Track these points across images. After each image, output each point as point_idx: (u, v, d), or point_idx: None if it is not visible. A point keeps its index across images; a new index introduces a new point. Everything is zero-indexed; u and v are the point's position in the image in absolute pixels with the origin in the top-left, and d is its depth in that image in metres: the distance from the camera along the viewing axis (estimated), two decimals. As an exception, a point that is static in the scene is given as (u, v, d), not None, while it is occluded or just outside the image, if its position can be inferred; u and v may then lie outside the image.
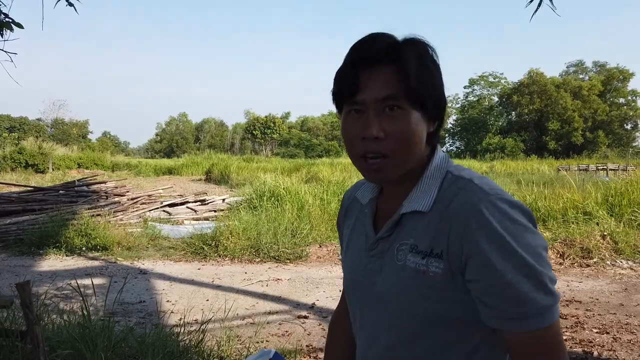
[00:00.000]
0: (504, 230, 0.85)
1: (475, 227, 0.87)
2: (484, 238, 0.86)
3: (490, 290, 0.87)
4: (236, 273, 6.97)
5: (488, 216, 0.87)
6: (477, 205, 0.89)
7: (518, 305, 0.85)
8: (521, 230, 0.87)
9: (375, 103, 0.93)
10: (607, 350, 3.79)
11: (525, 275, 0.84)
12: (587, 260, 6.63)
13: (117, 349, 3.27)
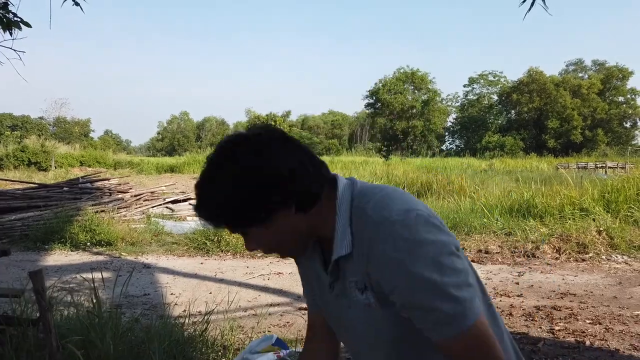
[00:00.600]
0: (399, 254, 0.92)
1: (377, 258, 0.96)
2: (385, 267, 0.95)
3: (406, 308, 0.97)
4: (238, 267, 7.10)
5: (384, 245, 0.94)
6: (376, 238, 0.96)
7: (429, 316, 0.93)
8: (416, 247, 0.92)
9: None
10: (599, 339, 3.91)
11: (426, 290, 0.92)
12: (582, 255, 6.74)
13: (124, 337, 3.39)
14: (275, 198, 0.98)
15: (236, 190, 0.97)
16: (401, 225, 0.94)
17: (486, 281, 5.82)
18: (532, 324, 4.31)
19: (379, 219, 0.97)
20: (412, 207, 0.98)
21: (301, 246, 1.10)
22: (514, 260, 6.86)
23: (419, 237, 0.93)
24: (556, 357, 3.57)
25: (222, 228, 1.05)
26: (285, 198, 0.99)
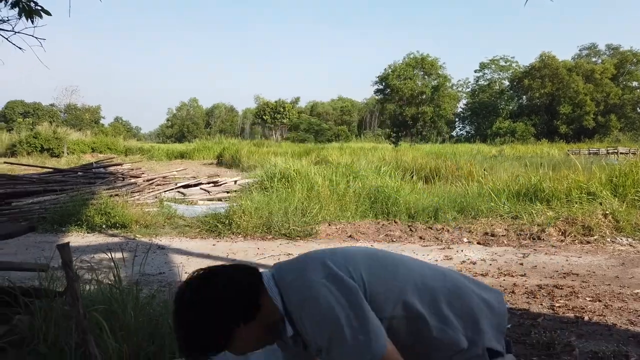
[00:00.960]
0: (313, 327, 1.21)
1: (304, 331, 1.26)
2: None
3: None
4: (249, 249, 7.29)
5: (302, 321, 1.23)
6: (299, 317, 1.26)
7: (353, 355, 1.17)
8: (319, 320, 1.20)
9: None
10: (598, 315, 4.04)
11: (341, 341, 1.17)
12: (587, 238, 6.84)
13: (143, 310, 3.59)
14: (226, 328, 1.27)
15: (197, 332, 1.27)
16: (305, 302, 1.24)
17: (491, 262, 5.96)
18: (534, 301, 4.45)
19: (296, 302, 1.25)
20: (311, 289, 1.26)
21: (270, 337, 1.35)
22: (520, 242, 6.98)
23: (323, 308, 1.20)
24: (554, 330, 3.72)
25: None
26: (233, 323, 1.28)
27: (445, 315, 1.29)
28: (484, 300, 1.36)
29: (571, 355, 3.33)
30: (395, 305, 1.25)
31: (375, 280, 1.26)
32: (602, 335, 3.65)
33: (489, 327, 1.32)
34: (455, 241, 7.33)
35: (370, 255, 1.34)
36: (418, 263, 1.42)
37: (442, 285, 1.32)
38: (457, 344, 1.28)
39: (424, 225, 8.29)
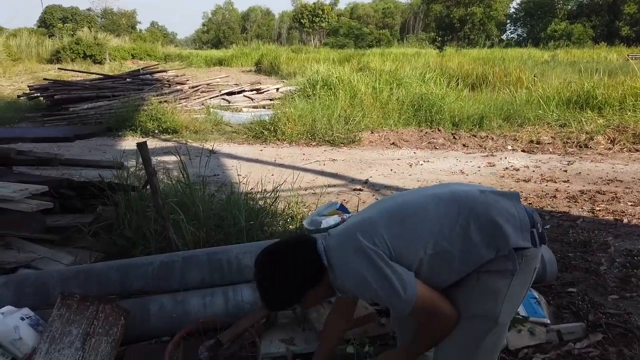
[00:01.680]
0: (355, 291, 1.56)
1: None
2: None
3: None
4: (295, 154, 7.60)
5: (345, 286, 1.56)
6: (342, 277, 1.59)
7: (391, 307, 1.51)
8: (357, 286, 1.52)
9: None
10: (637, 219, 4.17)
11: (378, 297, 1.49)
12: (636, 146, 6.74)
13: (209, 203, 3.98)
14: (299, 293, 1.61)
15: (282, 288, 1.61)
16: (351, 264, 1.53)
17: (534, 169, 6.04)
18: (574, 205, 4.59)
19: (339, 273, 1.56)
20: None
21: (331, 292, 1.67)
22: (566, 150, 6.96)
23: (364, 268, 1.48)
24: (592, 231, 3.90)
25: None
26: (304, 289, 1.61)
27: (467, 239, 1.49)
28: (502, 207, 1.53)
29: (606, 252, 3.54)
30: (419, 253, 1.50)
31: (397, 241, 1.51)
32: (639, 236, 3.81)
33: (511, 229, 1.49)
34: (499, 149, 7.37)
35: (392, 215, 1.57)
36: (433, 204, 1.56)
37: (456, 218, 1.51)
38: (482, 257, 1.49)
39: (468, 133, 8.30)
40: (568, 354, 2.44)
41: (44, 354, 2.12)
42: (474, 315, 1.50)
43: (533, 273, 1.54)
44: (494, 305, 1.48)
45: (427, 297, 1.47)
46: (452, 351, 1.52)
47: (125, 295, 2.61)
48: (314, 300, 1.67)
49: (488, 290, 1.50)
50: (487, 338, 1.49)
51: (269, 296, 1.63)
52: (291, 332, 2.58)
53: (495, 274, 1.50)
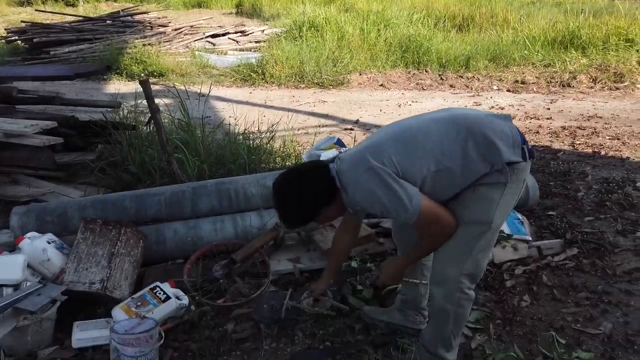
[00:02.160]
0: (366, 206, 1.75)
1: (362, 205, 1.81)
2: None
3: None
4: (284, 96, 7.65)
5: (356, 201, 1.75)
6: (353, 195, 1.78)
7: (398, 217, 1.72)
8: (368, 201, 1.70)
9: None
10: (614, 150, 4.43)
11: (387, 209, 1.67)
12: (617, 84, 6.95)
13: (208, 139, 4.11)
14: (315, 211, 1.80)
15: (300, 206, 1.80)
16: (362, 183, 1.70)
17: (519, 107, 6.23)
18: (556, 140, 4.83)
19: (352, 190, 1.73)
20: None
21: (342, 210, 1.87)
22: (549, 89, 7.14)
23: (375, 185, 1.65)
24: (572, 162, 4.15)
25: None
26: (319, 207, 1.80)
27: (465, 155, 1.66)
28: (496, 126, 1.71)
29: (584, 180, 3.80)
30: (422, 171, 1.67)
31: (403, 160, 1.67)
32: (615, 166, 4.09)
33: (504, 146, 1.68)
34: (485, 89, 7.52)
35: (398, 138, 1.73)
36: (435, 126, 1.73)
37: (455, 138, 1.68)
38: (478, 171, 1.67)
39: (455, 74, 8.40)
40: (546, 266, 2.72)
41: (72, 272, 2.31)
42: (471, 221, 1.70)
43: (522, 183, 1.75)
44: (488, 212, 1.69)
45: (430, 207, 1.66)
46: (451, 251, 1.73)
47: (141, 222, 2.78)
48: (327, 217, 1.88)
49: (483, 200, 1.69)
50: (482, 240, 1.71)
51: (288, 215, 1.82)
52: (297, 252, 2.81)
53: (489, 186, 1.69)
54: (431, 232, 1.74)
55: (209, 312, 2.34)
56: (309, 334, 2.20)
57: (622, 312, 2.31)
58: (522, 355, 1.96)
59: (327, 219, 1.91)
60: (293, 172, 1.85)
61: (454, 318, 1.77)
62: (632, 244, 2.93)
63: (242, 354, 2.09)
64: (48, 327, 2.15)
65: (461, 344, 2.09)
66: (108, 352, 2.02)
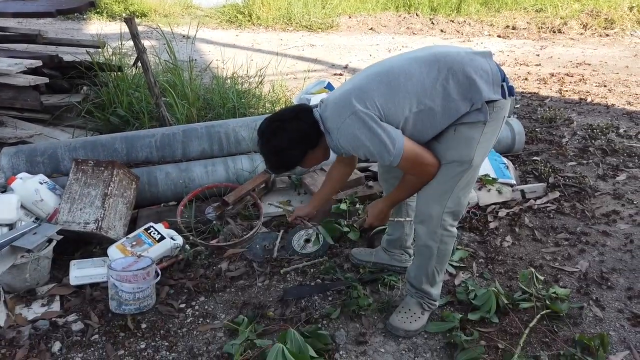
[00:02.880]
0: (349, 149, 1.74)
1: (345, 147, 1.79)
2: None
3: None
4: (272, 40, 7.46)
5: (340, 144, 1.74)
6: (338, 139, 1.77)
7: (382, 160, 1.69)
8: (352, 144, 1.69)
9: None
10: (600, 97, 4.48)
11: (371, 153, 1.67)
12: (607, 31, 6.91)
13: (195, 81, 4.04)
14: (301, 154, 1.80)
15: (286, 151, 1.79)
16: (346, 124, 1.70)
17: (508, 54, 6.20)
18: (544, 87, 4.85)
19: (336, 134, 1.72)
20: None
21: (327, 154, 1.89)
22: (540, 35, 7.07)
23: (358, 129, 1.66)
24: (558, 109, 4.20)
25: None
26: (305, 148, 1.79)
27: (446, 95, 1.67)
28: (477, 64, 1.70)
29: (569, 127, 3.87)
30: (404, 112, 1.68)
31: (385, 102, 1.67)
32: (600, 113, 4.15)
33: (484, 84, 1.68)
34: (476, 34, 7.42)
35: (381, 80, 1.71)
36: (417, 66, 1.71)
37: (436, 77, 1.67)
38: (459, 111, 1.68)
39: (446, 19, 8.24)
40: (529, 208, 2.82)
41: (67, 213, 2.33)
42: (452, 161, 1.74)
43: (502, 120, 1.77)
44: (469, 150, 1.72)
45: (412, 149, 1.70)
46: (433, 190, 1.78)
47: (132, 165, 2.79)
48: (312, 161, 1.89)
49: (464, 139, 1.72)
50: (463, 178, 1.76)
51: (272, 159, 1.83)
52: (288, 195, 2.87)
53: (469, 125, 1.71)
54: (414, 173, 1.78)
55: (203, 251, 2.41)
56: (300, 272, 2.28)
57: (599, 251, 2.43)
58: (503, 291, 2.08)
59: (312, 163, 1.92)
60: (277, 117, 1.84)
61: (438, 254, 1.86)
62: (611, 187, 3.04)
63: (236, 290, 2.17)
64: (45, 265, 2.19)
65: (445, 281, 2.20)
66: (106, 289, 2.09)
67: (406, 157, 1.68)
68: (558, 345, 1.82)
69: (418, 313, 1.94)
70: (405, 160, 1.68)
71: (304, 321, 1.95)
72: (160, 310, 2.04)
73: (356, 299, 2.05)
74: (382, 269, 2.27)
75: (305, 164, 1.87)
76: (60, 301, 2.09)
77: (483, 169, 2.93)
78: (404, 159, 1.68)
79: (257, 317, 1.99)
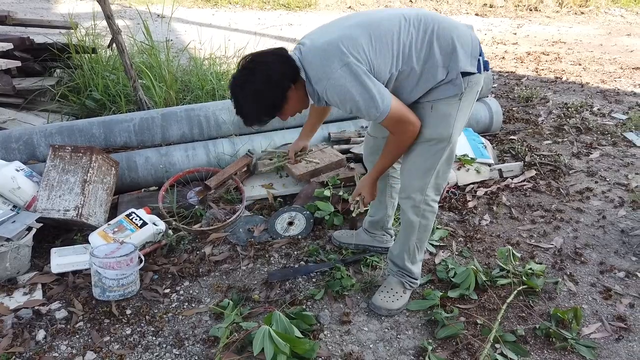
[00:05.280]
0: (337, 103, 1.64)
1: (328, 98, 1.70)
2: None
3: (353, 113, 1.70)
4: (250, 18, 7.35)
5: (327, 96, 1.65)
6: (322, 90, 1.67)
7: (367, 115, 1.64)
8: (340, 98, 1.61)
9: None
10: (575, 76, 4.56)
11: (358, 108, 1.62)
12: (582, 9, 6.99)
13: (173, 63, 3.96)
14: (279, 100, 1.66)
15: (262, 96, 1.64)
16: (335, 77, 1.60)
17: (486, 32, 6.22)
18: (521, 65, 4.91)
19: (323, 84, 1.62)
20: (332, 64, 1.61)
21: (307, 101, 1.76)
22: (517, 13, 7.12)
23: (348, 81, 1.58)
24: (535, 88, 4.26)
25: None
26: (286, 84, 1.64)
27: (429, 57, 1.67)
28: (461, 32, 1.72)
29: (545, 106, 3.94)
30: (391, 69, 1.66)
31: (375, 57, 1.62)
32: (575, 91, 4.23)
33: (463, 54, 1.69)
34: (454, 12, 7.41)
35: (372, 33, 1.64)
36: (404, 24, 1.67)
37: (422, 38, 1.67)
38: (435, 77, 1.68)
39: (424, -4, 8.21)
40: (506, 187, 2.89)
41: (45, 200, 2.30)
42: (432, 139, 1.77)
43: (476, 95, 1.80)
44: (447, 127, 1.75)
45: (398, 107, 1.68)
46: (416, 167, 1.81)
47: (110, 150, 2.75)
48: (292, 107, 1.74)
49: (441, 116, 1.74)
50: (445, 153, 1.79)
51: (245, 108, 1.67)
52: (270, 178, 2.87)
53: (445, 101, 1.72)
54: (397, 132, 1.75)
55: (186, 236, 2.41)
56: (284, 254, 2.31)
57: (573, 228, 2.52)
58: (481, 268, 2.14)
59: (292, 110, 1.76)
60: (251, 60, 1.65)
61: (419, 229, 1.90)
62: (585, 165, 3.12)
63: (220, 274, 2.19)
64: (26, 254, 2.17)
65: (426, 260, 2.26)
66: (88, 276, 2.08)
67: (392, 115, 1.66)
68: (534, 320, 1.90)
69: (400, 292, 1.99)
70: (390, 118, 1.66)
71: (289, 303, 1.99)
72: (144, 295, 2.04)
73: (339, 279, 2.09)
74: (364, 250, 2.31)
75: (282, 114, 1.73)
76: (42, 289, 2.07)
77: (462, 149, 2.98)
78: (389, 117, 1.66)
79: (243, 300, 2.01)
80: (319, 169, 2.76)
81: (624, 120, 3.70)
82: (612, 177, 2.99)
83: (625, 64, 4.90)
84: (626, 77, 4.55)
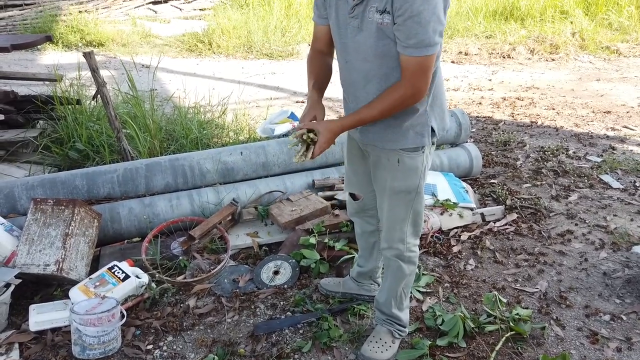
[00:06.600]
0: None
1: None
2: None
3: (400, 26, 1.49)
4: (233, 68, 7.50)
5: None
6: None
7: (409, 39, 1.48)
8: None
9: None
10: (549, 120, 4.73)
11: (419, 23, 1.46)
12: (553, 55, 7.32)
13: (156, 114, 4.01)
14: None
15: None
16: None
17: (462, 79, 6.46)
18: (497, 110, 5.08)
19: None
20: None
21: None
22: (491, 60, 7.42)
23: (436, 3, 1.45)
24: (512, 132, 4.40)
25: None
26: None
27: (433, 78, 1.65)
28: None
29: (522, 149, 4.06)
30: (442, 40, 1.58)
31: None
32: (550, 135, 4.37)
33: (446, 116, 1.81)
34: (431, 60, 7.69)
35: None
36: None
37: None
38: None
39: (402, 45, 8.53)
40: (489, 230, 2.93)
41: (25, 255, 2.25)
42: (400, 191, 1.80)
43: (434, 146, 1.85)
44: (415, 180, 1.79)
45: (432, 61, 1.56)
46: (392, 221, 1.84)
47: (93, 202, 2.72)
48: None
49: (408, 170, 1.78)
50: (415, 203, 1.82)
51: None
52: (255, 227, 2.87)
53: (411, 154, 1.75)
54: (411, 80, 1.58)
55: (170, 289, 2.36)
56: (270, 305, 2.28)
57: (556, 271, 2.54)
58: (468, 315, 2.14)
59: None
60: None
61: (408, 275, 1.92)
62: (564, 208, 3.19)
63: (205, 328, 2.14)
64: (3, 312, 2.10)
65: (413, 307, 2.25)
66: (68, 334, 2.02)
67: (428, 58, 1.53)
68: (523, 367, 1.88)
69: (389, 342, 1.97)
70: (424, 60, 1.54)
71: (276, 356, 1.95)
72: (126, 353, 1.98)
73: (327, 330, 2.06)
74: (351, 299, 2.30)
75: None
76: (19, 349, 2.00)
77: (444, 194, 3.03)
78: (422, 59, 1.53)
79: (228, 355, 1.97)
80: (303, 216, 2.76)
81: (599, 162, 3.81)
82: (591, 219, 3.06)
83: (597, 107, 5.11)
84: (598, 121, 4.74)
